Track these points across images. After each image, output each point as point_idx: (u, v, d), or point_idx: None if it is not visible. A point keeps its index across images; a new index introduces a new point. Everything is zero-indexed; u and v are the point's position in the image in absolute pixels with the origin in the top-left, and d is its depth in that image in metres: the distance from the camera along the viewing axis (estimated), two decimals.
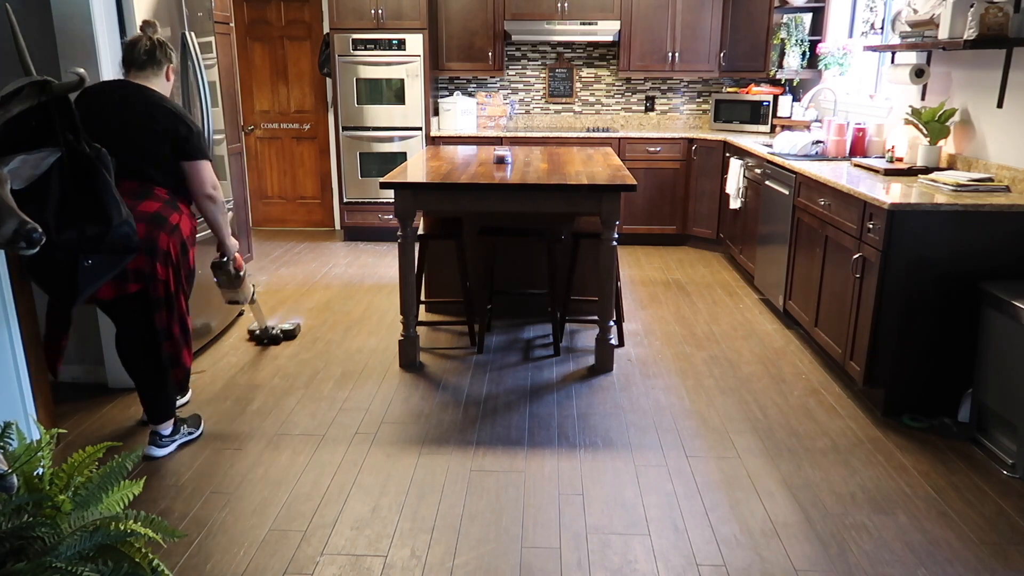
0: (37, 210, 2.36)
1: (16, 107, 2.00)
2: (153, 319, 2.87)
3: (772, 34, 6.01)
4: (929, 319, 3.23)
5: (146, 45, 2.89)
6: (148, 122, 2.81)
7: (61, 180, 2.52)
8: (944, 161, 3.98)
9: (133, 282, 2.81)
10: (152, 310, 2.86)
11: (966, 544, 2.46)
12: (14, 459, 1.81)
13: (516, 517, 2.60)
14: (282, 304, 4.69)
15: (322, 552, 2.40)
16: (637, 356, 4.04)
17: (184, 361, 3.02)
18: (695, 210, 6.29)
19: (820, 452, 3.04)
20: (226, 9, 4.86)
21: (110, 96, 2.85)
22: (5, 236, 1.79)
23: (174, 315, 2.92)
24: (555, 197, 3.63)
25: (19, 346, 2.28)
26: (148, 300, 2.85)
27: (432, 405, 3.46)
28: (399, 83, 6.24)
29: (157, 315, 2.87)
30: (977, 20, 3.39)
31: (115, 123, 2.79)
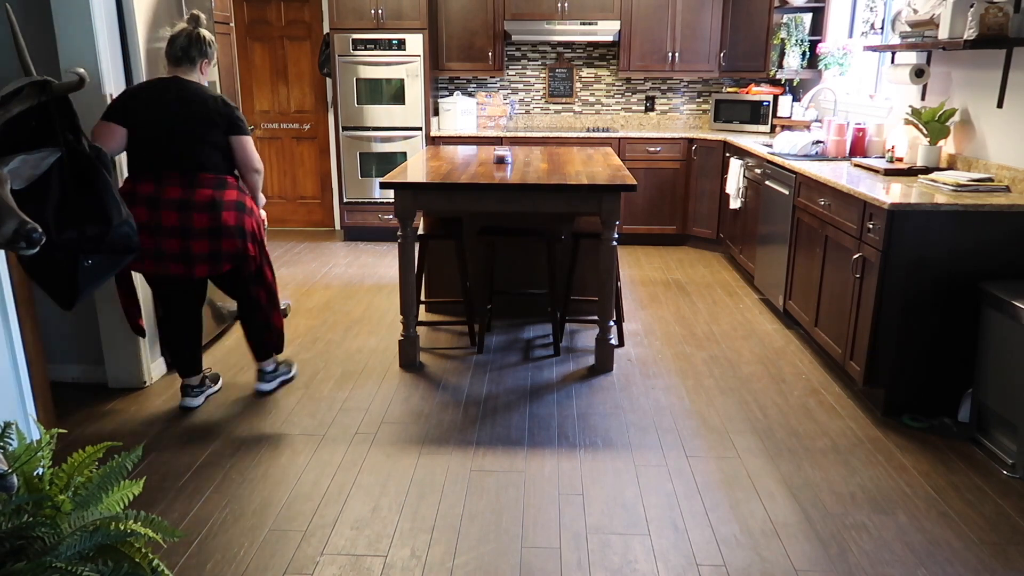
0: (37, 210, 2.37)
1: (16, 107, 2.00)
2: (249, 290, 3.32)
3: (772, 34, 6.01)
4: (929, 319, 3.23)
5: (183, 42, 3.13)
6: (202, 110, 3.08)
7: (61, 180, 2.52)
8: (944, 161, 3.98)
9: (226, 262, 3.16)
10: (247, 283, 3.30)
11: (966, 544, 2.46)
12: (14, 459, 1.81)
13: (516, 517, 2.60)
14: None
15: (322, 552, 2.41)
16: (637, 356, 4.04)
17: (276, 324, 3.44)
18: (695, 210, 6.29)
19: (820, 452, 3.04)
20: (226, 9, 4.85)
21: (161, 92, 3.10)
22: (5, 236, 1.79)
23: (262, 286, 3.33)
24: (555, 197, 3.63)
25: (19, 346, 2.28)
26: (240, 276, 3.26)
27: (432, 405, 3.46)
28: (399, 83, 6.24)
29: (251, 288, 3.32)
30: (977, 20, 3.39)
31: (168, 115, 3.05)
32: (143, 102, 3.08)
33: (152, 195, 3.05)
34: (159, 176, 3.06)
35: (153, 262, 3.10)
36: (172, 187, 3.05)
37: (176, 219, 3.05)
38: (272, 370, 3.57)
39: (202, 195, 3.07)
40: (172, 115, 3.05)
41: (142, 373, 3.62)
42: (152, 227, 3.04)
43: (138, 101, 3.08)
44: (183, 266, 3.11)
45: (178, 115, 3.05)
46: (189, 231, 3.06)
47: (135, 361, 3.59)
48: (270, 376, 3.57)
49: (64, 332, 3.60)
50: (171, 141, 3.05)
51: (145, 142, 3.07)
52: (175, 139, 3.05)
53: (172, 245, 3.07)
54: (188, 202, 3.05)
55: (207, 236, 3.07)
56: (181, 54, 3.12)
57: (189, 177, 3.07)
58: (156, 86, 3.14)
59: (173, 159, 3.06)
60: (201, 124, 3.08)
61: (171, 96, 3.08)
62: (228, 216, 3.10)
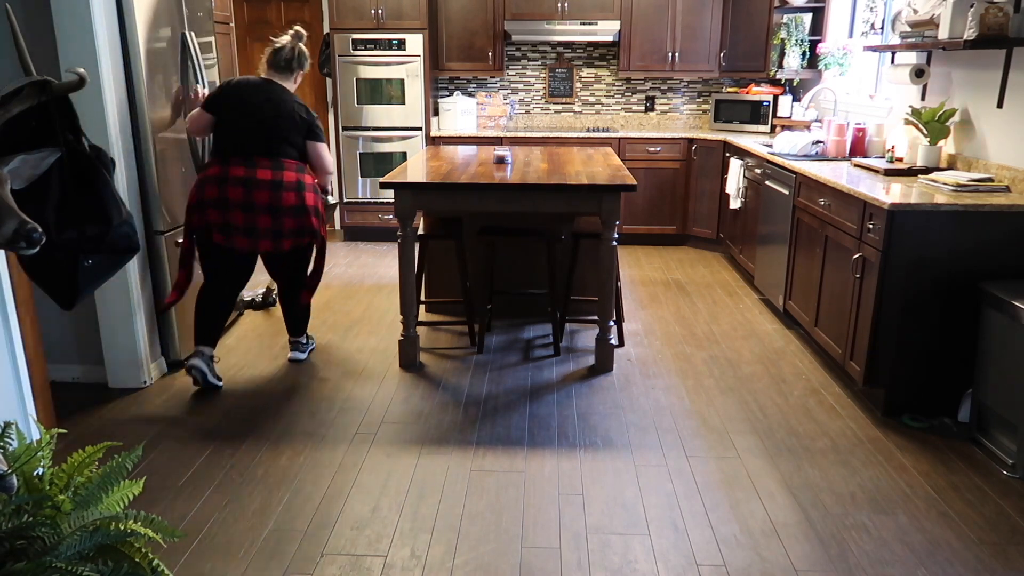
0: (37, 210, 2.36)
1: (16, 107, 2.00)
2: (303, 265, 3.79)
3: (772, 34, 6.01)
4: (929, 319, 3.23)
5: (287, 55, 3.62)
6: (291, 113, 3.53)
7: (61, 180, 2.52)
8: (944, 161, 3.98)
9: (308, 237, 3.60)
10: (306, 265, 3.79)
11: (966, 544, 2.46)
12: (14, 459, 1.80)
13: (516, 517, 2.60)
14: None
15: (322, 552, 2.41)
16: (637, 356, 4.04)
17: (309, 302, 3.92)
18: (695, 210, 6.29)
19: (820, 452, 3.04)
20: (226, 9, 4.85)
21: (257, 89, 3.55)
22: (5, 236, 1.79)
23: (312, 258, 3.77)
24: (555, 197, 3.63)
25: (19, 346, 2.28)
26: (307, 251, 3.73)
27: (432, 405, 3.46)
28: (399, 83, 6.24)
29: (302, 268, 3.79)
30: (977, 20, 3.39)
31: (262, 110, 3.49)
32: (236, 96, 3.52)
33: (245, 176, 3.43)
34: (251, 160, 3.46)
35: (248, 238, 3.49)
36: (265, 169, 3.45)
37: (268, 198, 3.45)
38: (306, 341, 4.03)
39: (288, 176, 3.50)
40: (261, 112, 3.48)
41: (142, 373, 3.62)
42: (245, 205, 3.43)
43: (231, 95, 3.52)
44: (272, 242, 3.53)
45: (267, 113, 3.48)
46: (279, 209, 3.47)
47: (135, 361, 3.59)
48: (304, 346, 4.01)
49: (64, 332, 3.60)
50: (258, 133, 3.47)
51: (233, 131, 3.49)
52: (261, 132, 3.47)
53: (264, 222, 3.47)
54: (280, 183, 3.47)
55: (293, 214, 3.50)
56: (284, 64, 3.62)
57: (275, 161, 3.49)
58: (251, 84, 3.56)
59: (260, 147, 3.47)
60: (286, 124, 3.51)
61: (263, 96, 3.51)
62: (309, 196, 3.56)
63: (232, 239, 3.48)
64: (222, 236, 3.48)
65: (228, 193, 3.41)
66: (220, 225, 3.46)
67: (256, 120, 3.47)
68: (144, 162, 3.56)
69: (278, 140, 3.49)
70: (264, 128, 3.47)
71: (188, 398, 3.52)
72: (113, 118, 3.35)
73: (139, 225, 3.53)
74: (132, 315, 3.53)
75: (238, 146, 3.47)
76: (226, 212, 3.43)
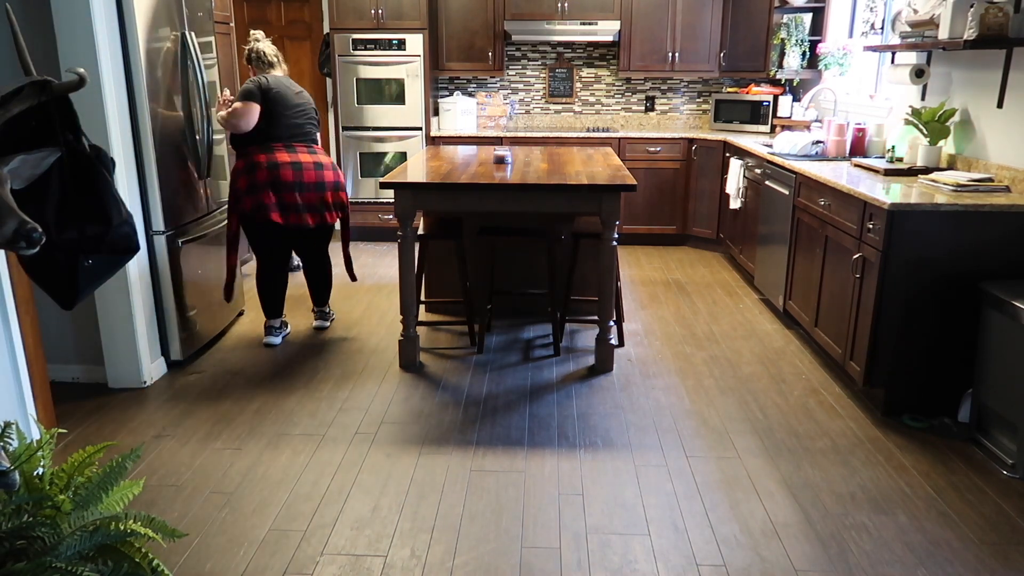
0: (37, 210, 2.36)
1: (16, 107, 2.00)
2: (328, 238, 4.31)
3: (772, 34, 6.01)
4: (929, 319, 3.23)
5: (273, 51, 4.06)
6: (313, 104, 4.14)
7: (61, 180, 2.52)
8: (944, 161, 3.98)
9: (336, 211, 4.08)
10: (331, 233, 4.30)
11: (966, 544, 2.46)
12: (14, 459, 1.81)
13: (516, 517, 2.60)
14: None
15: (322, 552, 2.41)
16: (637, 356, 4.04)
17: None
18: (695, 210, 6.29)
19: (820, 452, 3.04)
20: (226, 9, 4.85)
21: (290, 85, 4.02)
22: (5, 236, 1.79)
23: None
24: (555, 197, 3.63)
25: (19, 346, 2.28)
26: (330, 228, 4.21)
27: (432, 405, 3.46)
28: (399, 83, 6.24)
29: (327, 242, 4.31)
30: (977, 20, 3.39)
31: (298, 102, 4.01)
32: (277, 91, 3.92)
33: (291, 160, 3.89)
34: (291, 146, 3.93)
35: (298, 215, 3.91)
36: (303, 153, 3.95)
37: (314, 176, 3.93)
38: (329, 311, 4.48)
39: (323, 158, 4.03)
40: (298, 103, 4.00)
41: (142, 373, 3.62)
42: (296, 185, 3.89)
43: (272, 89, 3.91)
44: (320, 215, 4.00)
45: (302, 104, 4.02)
46: (324, 185, 3.97)
47: (135, 361, 3.59)
48: (327, 315, 4.47)
49: (64, 332, 3.60)
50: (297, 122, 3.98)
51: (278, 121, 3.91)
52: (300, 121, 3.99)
53: (312, 198, 3.94)
54: (319, 163, 3.98)
55: (334, 188, 4.02)
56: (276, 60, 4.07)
57: (309, 147, 4.02)
58: (283, 81, 4.00)
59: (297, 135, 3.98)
60: (313, 113, 4.09)
61: (295, 90, 4.03)
62: (340, 174, 4.13)
63: (289, 217, 3.88)
64: (280, 215, 3.86)
65: (280, 176, 3.83)
66: (276, 205, 3.85)
67: (296, 111, 3.96)
68: (144, 162, 3.56)
69: (311, 128, 4.05)
70: (302, 117, 3.99)
71: (188, 398, 3.52)
72: (113, 118, 3.35)
73: (139, 225, 3.53)
74: (132, 315, 3.53)
75: (281, 135, 3.91)
76: (281, 193, 3.84)
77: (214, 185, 4.25)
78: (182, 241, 3.81)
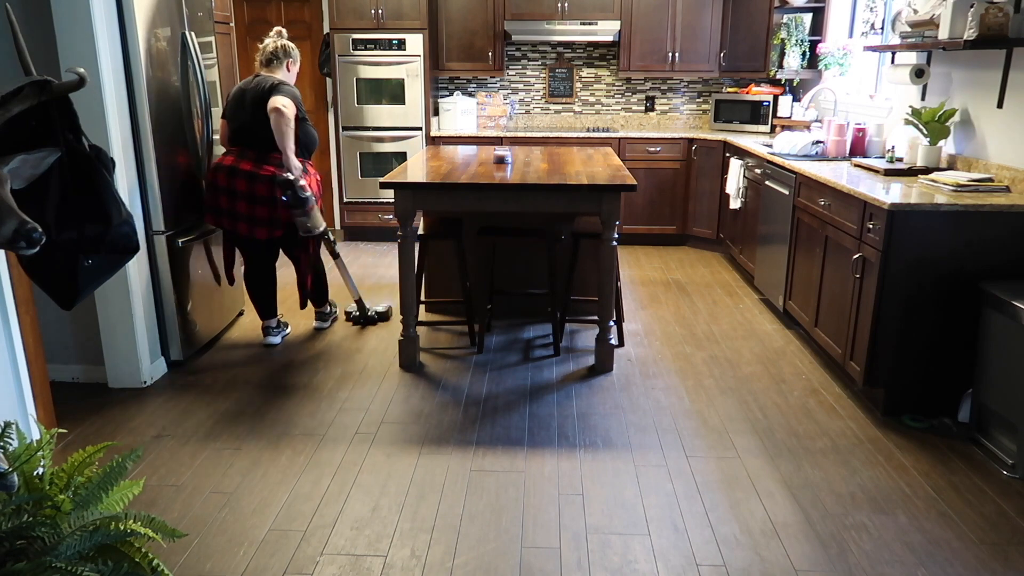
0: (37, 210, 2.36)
1: (16, 107, 2.00)
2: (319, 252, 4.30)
3: (772, 34, 6.01)
4: (929, 319, 3.23)
5: (271, 49, 3.96)
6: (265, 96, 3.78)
7: (61, 180, 2.52)
8: (944, 161, 3.98)
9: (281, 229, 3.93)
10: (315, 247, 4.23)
11: (966, 544, 2.46)
12: (14, 459, 1.81)
13: (516, 517, 2.60)
14: (282, 304, 4.68)
15: (322, 552, 2.41)
16: (637, 356, 4.04)
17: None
18: (695, 210, 6.29)
19: (820, 452, 3.04)
20: (226, 9, 4.85)
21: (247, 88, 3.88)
22: (5, 236, 1.79)
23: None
24: (555, 197, 3.63)
25: (19, 346, 2.28)
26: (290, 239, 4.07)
27: (432, 405, 3.46)
28: (399, 83, 6.24)
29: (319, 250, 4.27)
30: (977, 20, 3.39)
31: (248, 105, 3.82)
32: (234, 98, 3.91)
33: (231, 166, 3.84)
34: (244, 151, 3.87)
35: (230, 220, 3.89)
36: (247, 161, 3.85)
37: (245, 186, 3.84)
38: (328, 311, 4.48)
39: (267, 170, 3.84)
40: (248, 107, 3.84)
41: (142, 373, 3.62)
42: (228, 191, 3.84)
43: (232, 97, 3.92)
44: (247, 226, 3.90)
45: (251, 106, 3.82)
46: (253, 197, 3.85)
47: (135, 361, 3.59)
48: (326, 316, 4.47)
49: (64, 332, 3.60)
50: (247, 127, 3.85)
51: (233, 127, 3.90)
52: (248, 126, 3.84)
53: (242, 207, 3.85)
54: (255, 174, 3.83)
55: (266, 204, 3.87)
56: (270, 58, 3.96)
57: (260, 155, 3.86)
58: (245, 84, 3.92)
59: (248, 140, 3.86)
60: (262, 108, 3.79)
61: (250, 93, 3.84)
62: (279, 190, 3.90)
63: (219, 220, 3.91)
64: (212, 217, 3.92)
65: (217, 180, 3.85)
66: (210, 208, 3.91)
67: (244, 115, 3.84)
68: (144, 162, 3.56)
69: (262, 131, 3.80)
70: (249, 121, 3.83)
71: (188, 398, 3.52)
72: (113, 118, 3.35)
73: (139, 225, 3.53)
74: (132, 315, 3.53)
75: (235, 139, 3.91)
76: (214, 196, 3.87)
77: None
78: (182, 241, 3.81)
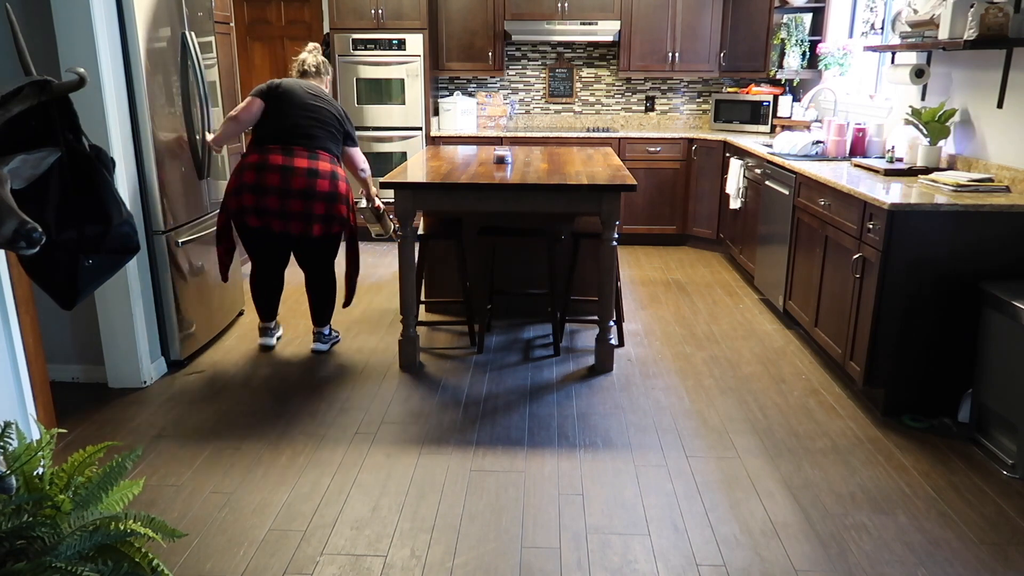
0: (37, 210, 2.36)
1: (16, 107, 2.00)
2: (333, 267, 4.01)
3: (772, 34, 6.01)
4: (929, 319, 3.23)
5: (313, 62, 4.00)
6: (336, 112, 3.87)
7: (61, 180, 2.52)
8: (944, 161, 3.98)
9: (338, 225, 3.81)
10: (333, 258, 3.98)
11: (966, 544, 2.46)
12: (14, 459, 1.81)
13: (516, 517, 2.60)
14: (283, 304, 4.69)
15: (322, 552, 2.41)
16: (637, 356, 4.04)
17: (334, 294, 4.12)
18: (695, 210, 6.29)
19: (820, 452, 3.04)
20: (226, 9, 4.85)
21: (307, 88, 3.85)
22: (5, 236, 1.79)
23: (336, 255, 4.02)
24: (555, 197, 3.63)
25: (19, 346, 2.28)
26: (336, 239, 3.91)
27: (432, 405, 3.46)
28: (399, 83, 6.24)
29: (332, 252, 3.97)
30: (977, 20, 3.39)
31: (311, 105, 3.78)
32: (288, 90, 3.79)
33: (283, 164, 3.66)
34: (289, 149, 3.69)
35: (281, 221, 3.70)
36: (301, 158, 3.69)
37: (303, 183, 3.66)
38: (328, 333, 4.13)
39: (324, 166, 3.73)
40: (311, 106, 3.78)
41: (142, 373, 3.62)
42: (281, 190, 3.65)
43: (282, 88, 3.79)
44: (302, 224, 3.71)
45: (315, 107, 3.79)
46: (312, 194, 3.67)
47: (135, 361, 3.59)
48: (326, 338, 4.12)
49: (64, 332, 3.60)
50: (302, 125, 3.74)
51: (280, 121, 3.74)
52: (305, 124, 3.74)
53: (296, 205, 3.67)
54: (314, 170, 3.69)
55: (325, 199, 3.70)
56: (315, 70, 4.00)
57: (312, 152, 3.73)
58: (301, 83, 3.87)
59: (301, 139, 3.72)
60: (329, 119, 3.82)
61: (312, 93, 3.82)
62: (342, 185, 3.81)
63: (267, 221, 3.70)
64: (257, 219, 3.70)
65: (266, 179, 3.64)
66: (255, 209, 3.68)
67: (304, 113, 3.74)
68: (144, 162, 3.56)
69: (320, 133, 3.76)
70: (309, 120, 3.75)
71: (188, 398, 3.52)
72: (113, 118, 3.35)
73: (139, 225, 3.53)
74: (132, 315, 3.53)
75: (280, 136, 3.71)
76: (262, 197, 3.65)
77: (214, 185, 4.24)
78: (182, 241, 3.81)
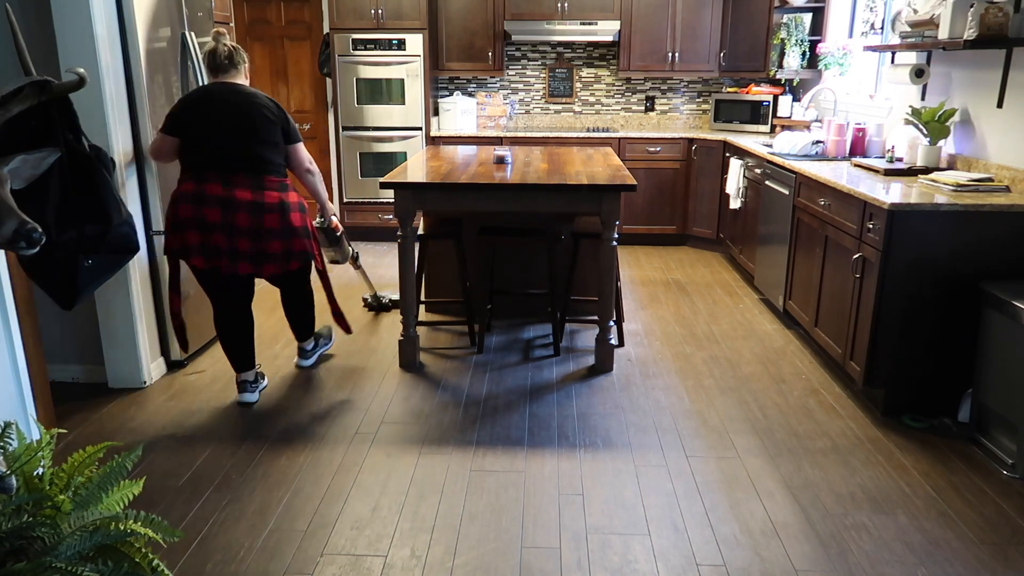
0: (37, 210, 2.37)
1: (16, 107, 2.00)
2: (308, 281, 3.63)
3: (772, 34, 6.01)
4: (929, 319, 3.23)
5: (224, 52, 3.27)
6: (261, 116, 3.20)
7: (61, 180, 2.52)
8: (944, 161, 3.98)
9: (296, 261, 3.33)
10: (307, 275, 3.57)
11: (966, 544, 2.46)
12: (14, 459, 1.81)
13: (516, 517, 2.60)
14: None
15: (322, 552, 2.41)
16: (637, 356, 4.04)
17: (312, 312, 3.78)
18: (695, 210, 6.29)
19: (820, 452, 3.04)
20: (226, 9, 4.85)
21: (219, 99, 3.20)
22: (5, 236, 1.79)
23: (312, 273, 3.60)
24: (555, 197, 3.63)
25: (19, 346, 2.28)
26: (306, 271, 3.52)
27: (432, 405, 3.46)
28: (399, 83, 6.24)
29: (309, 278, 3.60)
30: (977, 20, 3.39)
31: (230, 121, 3.17)
32: (197, 112, 3.20)
33: (223, 196, 3.14)
34: (227, 179, 3.16)
35: (229, 261, 3.21)
36: (243, 188, 3.16)
37: (248, 221, 3.17)
38: (311, 347, 3.88)
39: (271, 197, 3.21)
40: (230, 123, 3.18)
41: (142, 373, 3.62)
42: (225, 227, 3.16)
43: (191, 111, 3.20)
44: (252, 265, 3.25)
45: (236, 123, 3.18)
46: (260, 232, 3.20)
47: (135, 361, 3.59)
48: (310, 353, 3.88)
49: (64, 332, 3.60)
50: (233, 148, 3.17)
51: (205, 148, 3.17)
52: (236, 146, 3.17)
53: (244, 245, 3.20)
54: (261, 205, 3.19)
55: (279, 236, 3.24)
56: (227, 62, 3.28)
57: (256, 179, 3.19)
58: (212, 95, 3.23)
59: (237, 163, 3.17)
60: (260, 128, 3.21)
61: (228, 106, 3.19)
62: (296, 217, 3.28)
63: (216, 262, 3.20)
64: (204, 260, 3.20)
65: (205, 215, 3.12)
66: (200, 247, 3.17)
67: (226, 134, 3.15)
68: (144, 162, 3.56)
69: (259, 150, 3.19)
70: (242, 136, 3.16)
71: (188, 398, 3.52)
72: (113, 118, 3.35)
73: (139, 225, 3.53)
74: (132, 315, 3.53)
75: (214, 162, 3.15)
76: (208, 234, 3.15)
77: None
78: None
